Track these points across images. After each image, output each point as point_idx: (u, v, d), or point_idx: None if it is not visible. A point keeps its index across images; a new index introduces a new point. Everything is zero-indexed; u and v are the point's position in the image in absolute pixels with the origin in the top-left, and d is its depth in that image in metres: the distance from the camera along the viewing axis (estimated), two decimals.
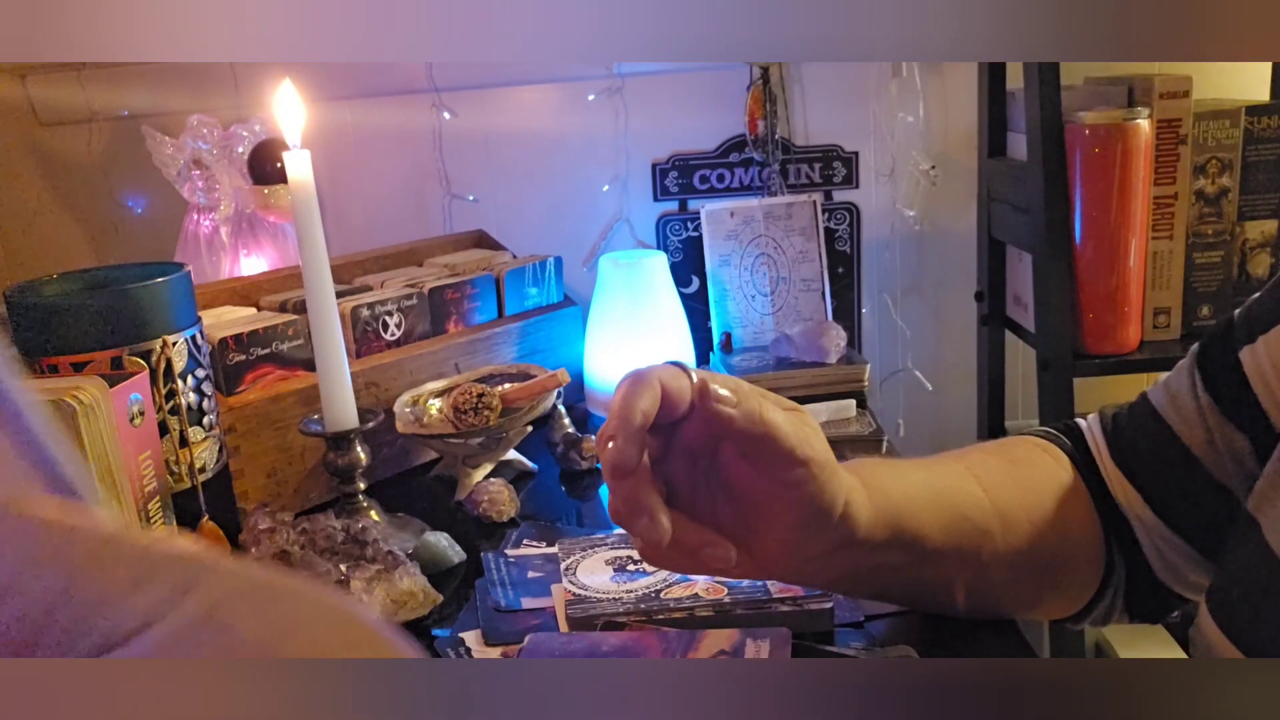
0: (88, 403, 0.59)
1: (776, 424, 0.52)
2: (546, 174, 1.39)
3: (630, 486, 0.51)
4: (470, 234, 1.36)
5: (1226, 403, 0.59)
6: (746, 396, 0.52)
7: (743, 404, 0.51)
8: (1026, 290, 1.19)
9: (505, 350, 1.14)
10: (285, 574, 0.24)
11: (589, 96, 1.36)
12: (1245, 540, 0.52)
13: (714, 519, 0.56)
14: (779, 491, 0.53)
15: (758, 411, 0.51)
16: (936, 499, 0.60)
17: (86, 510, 0.26)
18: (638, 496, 0.51)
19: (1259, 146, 1.09)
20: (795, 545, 0.55)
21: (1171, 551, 0.62)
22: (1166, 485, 0.62)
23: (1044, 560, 0.62)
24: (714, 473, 0.56)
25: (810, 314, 1.24)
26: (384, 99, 1.38)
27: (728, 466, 0.55)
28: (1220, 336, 0.60)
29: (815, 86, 1.35)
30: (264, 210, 1.30)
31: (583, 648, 0.64)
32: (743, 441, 0.52)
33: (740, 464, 0.54)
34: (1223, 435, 0.59)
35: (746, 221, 1.24)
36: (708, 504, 0.56)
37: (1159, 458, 0.62)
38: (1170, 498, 0.62)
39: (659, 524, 0.51)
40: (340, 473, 0.85)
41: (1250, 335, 0.57)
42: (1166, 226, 1.10)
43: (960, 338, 1.41)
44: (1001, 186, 1.25)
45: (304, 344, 0.97)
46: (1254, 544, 0.51)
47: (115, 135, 1.40)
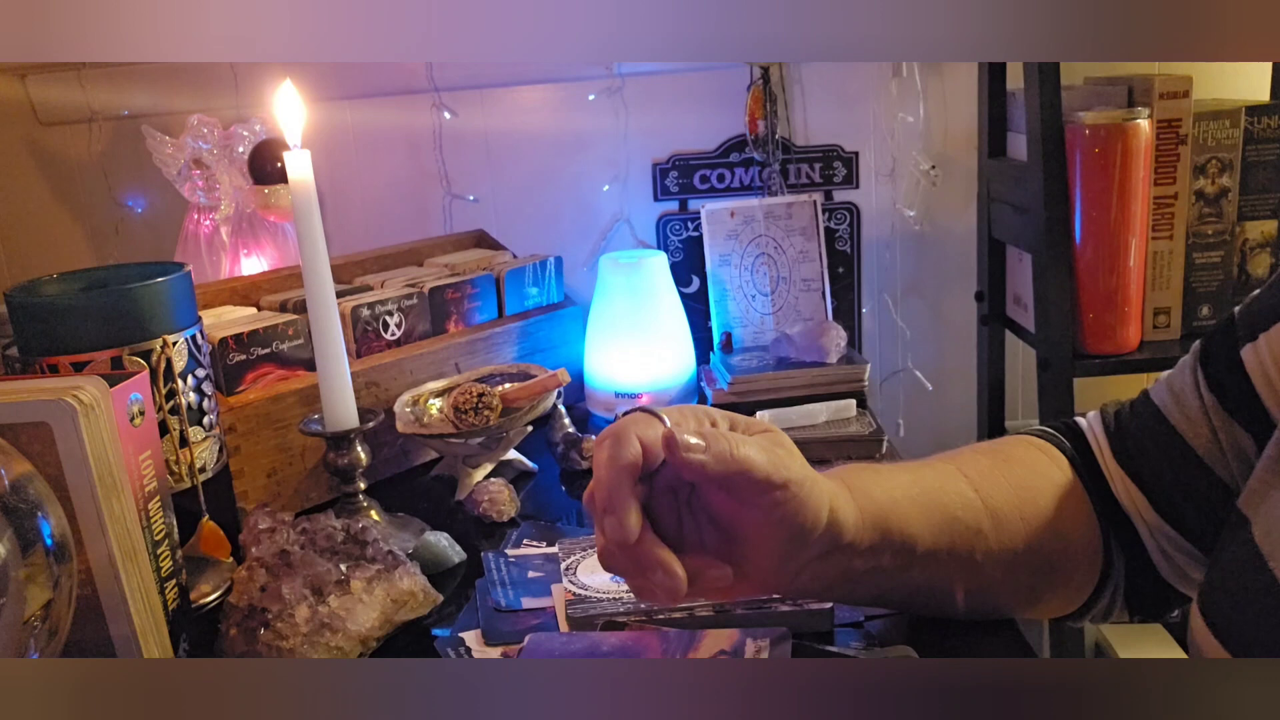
0: (88, 403, 0.59)
1: (749, 459, 0.52)
2: (546, 174, 1.39)
3: (636, 552, 0.52)
4: (470, 234, 1.36)
5: (1230, 400, 0.59)
6: (715, 439, 0.52)
7: (712, 448, 0.52)
8: (1026, 290, 1.19)
9: (505, 350, 1.14)
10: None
11: (589, 96, 1.36)
12: (1234, 538, 0.52)
13: (702, 546, 0.57)
14: (762, 515, 0.54)
15: (728, 451, 0.52)
16: (923, 499, 0.60)
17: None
18: (647, 557, 0.52)
19: (1259, 146, 1.09)
20: (785, 559, 0.56)
21: (1175, 550, 0.63)
22: (1170, 485, 0.62)
23: (1040, 558, 0.62)
24: (697, 504, 0.57)
25: (810, 314, 1.24)
26: (384, 99, 1.38)
27: (709, 497, 0.56)
28: (1221, 334, 0.60)
29: (815, 86, 1.35)
30: (264, 210, 1.30)
31: (583, 648, 0.64)
32: (719, 480, 0.53)
33: (721, 494, 0.55)
34: (1227, 433, 0.59)
35: (747, 221, 1.24)
36: (695, 534, 0.57)
37: (1163, 458, 0.62)
38: (1174, 498, 0.62)
39: (675, 575, 0.52)
40: (340, 473, 0.85)
41: (1251, 333, 0.57)
42: (1166, 226, 1.10)
43: (960, 338, 1.41)
44: (1001, 186, 1.25)
45: (304, 344, 0.97)
46: (1242, 542, 0.51)
47: (115, 135, 1.40)
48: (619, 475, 0.51)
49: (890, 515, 0.58)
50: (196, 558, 0.80)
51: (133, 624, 0.61)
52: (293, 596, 0.68)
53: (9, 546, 0.53)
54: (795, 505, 0.53)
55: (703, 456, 0.51)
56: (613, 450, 0.52)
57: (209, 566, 0.80)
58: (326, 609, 0.68)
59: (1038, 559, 0.62)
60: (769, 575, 0.57)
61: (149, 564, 0.64)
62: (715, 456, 0.52)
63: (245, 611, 0.69)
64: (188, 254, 1.31)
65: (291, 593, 0.69)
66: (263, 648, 0.67)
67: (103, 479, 0.59)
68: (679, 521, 0.57)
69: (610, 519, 0.51)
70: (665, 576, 0.52)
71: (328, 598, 0.69)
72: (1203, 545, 0.62)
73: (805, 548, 0.55)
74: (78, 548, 0.59)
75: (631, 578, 0.54)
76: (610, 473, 0.51)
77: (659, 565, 0.52)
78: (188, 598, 0.70)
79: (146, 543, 0.64)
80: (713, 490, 0.55)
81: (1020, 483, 0.63)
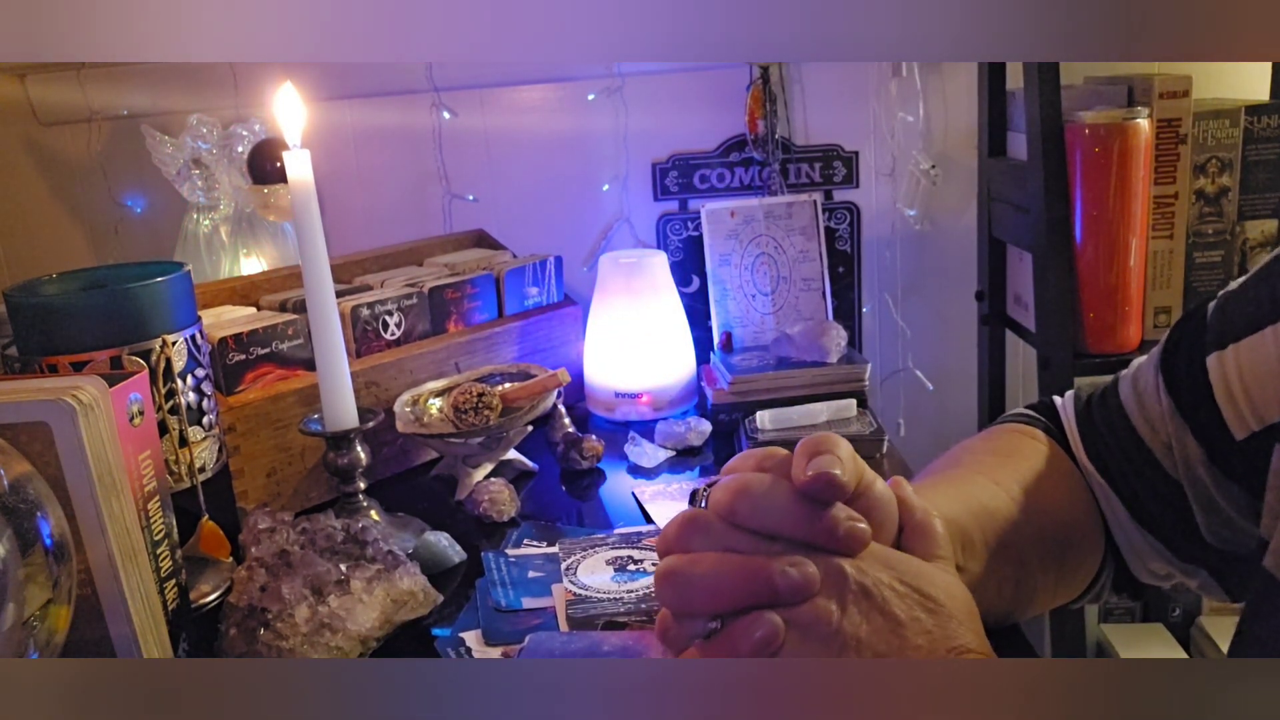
0: (87, 402, 0.59)
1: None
2: (546, 174, 1.39)
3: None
4: (470, 234, 1.36)
5: (1185, 407, 0.58)
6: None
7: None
8: (1027, 290, 1.19)
9: (505, 350, 1.14)
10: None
11: (589, 96, 1.36)
12: (1273, 606, 0.47)
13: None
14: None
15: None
16: (973, 504, 0.58)
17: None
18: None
19: (1259, 146, 1.09)
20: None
21: (1140, 540, 0.63)
22: (1133, 483, 0.62)
23: (1058, 545, 0.62)
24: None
25: (811, 313, 1.24)
26: (384, 99, 1.38)
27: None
28: (1190, 336, 0.58)
29: (815, 86, 1.35)
30: (264, 210, 1.30)
31: (583, 648, 0.64)
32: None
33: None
34: (1179, 440, 0.58)
35: (747, 221, 1.24)
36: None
37: (1126, 459, 0.62)
38: (1139, 494, 0.62)
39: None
40: (340, 473, 0.85)
41: (1221, 341, 0.55)
42: (1166, 226, 1.10)
43: (960, 338, 1.41)
44: (1001, 186, 1.25)
45: (304, 344, 0.97)
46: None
47: (115, 135, 1.40)
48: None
49: (958, 529, 0.55)
50: (196, 558, 0.80)
51: (132, 624, 0.61)
52: (293, 596, 0.68)
53: (8, 546, 0.53)
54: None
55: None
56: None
57: (209, 566, 0.80)
58: (326, 609, 0.68)
59: (1057, 546, 0.62)
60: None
61: (148, 564, 0.64)
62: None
63: (245, 611, 0.69)
64: (187, 254, 1.31)
65: (291, 593, 0.69)
66: (262, 648, 0.67)
67: (102, 479, 0.59)
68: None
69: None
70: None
71: (328, 598, 0.69)
72: (1170, 545, 0.62)
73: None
74: (77, 548, 0.59)
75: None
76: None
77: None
78: (187, 598, 0.70)
79: (146, 543, 0.64)
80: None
81: (1028, 473, 0.63)
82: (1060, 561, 0.62)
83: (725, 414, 1.10)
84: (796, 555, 0.43)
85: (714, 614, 0.44)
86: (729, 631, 0.43)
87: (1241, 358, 0.54)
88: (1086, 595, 0.66)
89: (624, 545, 0.81)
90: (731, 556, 0.44)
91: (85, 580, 0.60)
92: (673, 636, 0.45)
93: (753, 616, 0.42)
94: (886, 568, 0.44)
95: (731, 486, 0.45)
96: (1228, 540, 0.59)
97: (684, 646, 0.44)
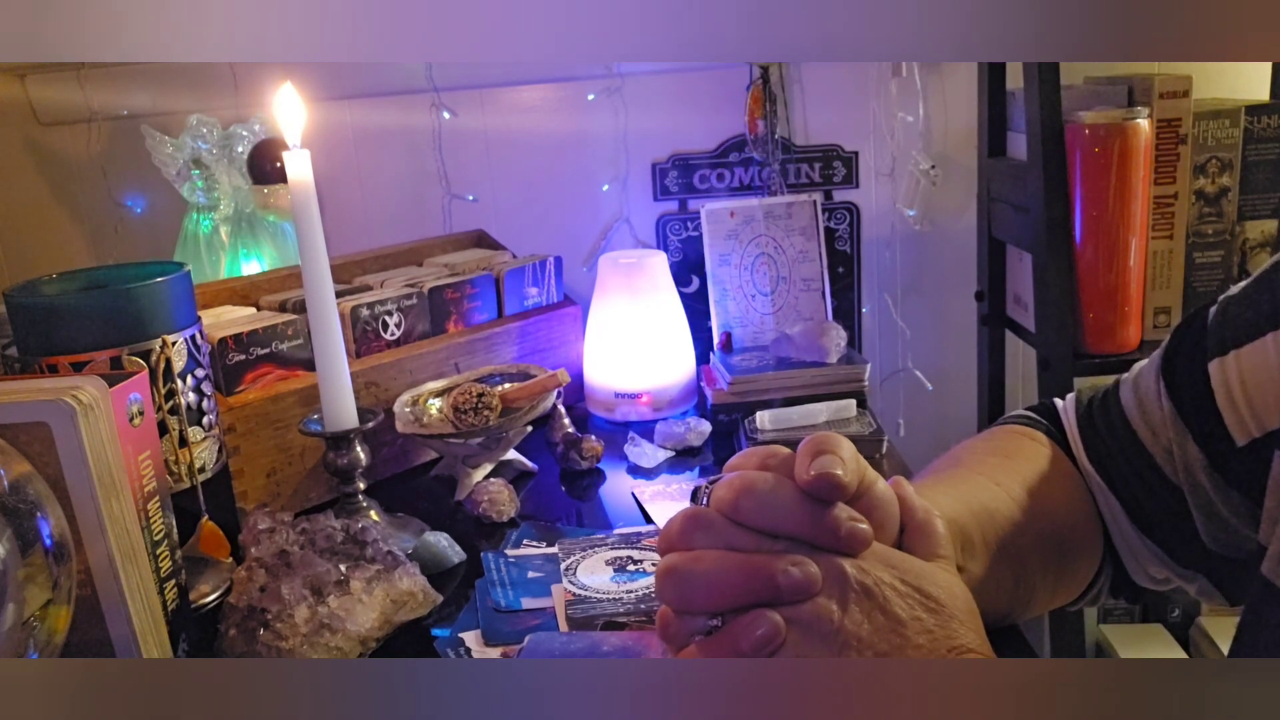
0: (87, 403, 0.59)
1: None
2: (546, 174, 1.39)
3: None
4: (470, 234, 1.36)
5: (1187, 412, 0.58)
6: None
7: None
8: (1026, 290, 1.19)
9: (505, 350, 1.14)
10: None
11: (589, 96, 1.36)
12: (1271, 612, 0.47)
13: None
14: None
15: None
16: (974, 505, 0.58)
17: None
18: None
19: (1259, 146, 1.09)
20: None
21: (1139, 545, 0.63)
22: (1134, 487, 0.62)
23: (1058, 545, 0.62)
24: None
25: (810, 314, 1.24)
26: (384, 99, 1.38)
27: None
28: (1191, 341, 0.58)
29: (815, 86, 1.35)
30: (264, 210, 1.30)
31: (583, 648, 0.64)
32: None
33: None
34: (1180, 445, 0.58)
35: (746, 221, 1.24)
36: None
37: (1128, 464, 0.62)
38: (1140, 498, 0.62)
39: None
40: (340, 473, 0.85)
41: (1223, 347, 0.55)
42: (1166, 226, 1.10)
43: (960, 338, 1.41)
44: (1001, 186, 1.25)
45: (304, 344, 0.97)
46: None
47: (115, 135, 1.40)
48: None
49: (959, 529, 0.55)
50: (196, 558, 0.80)
51: (132, 624, 0.61)
52: (292, 597, 0.68)
53: (8, 547, 0.53)
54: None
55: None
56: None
57: (208, 567, 0.80)
58: (326, 609, 0.68)
59: (1056, 548, 0.62)
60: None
61: (148, 564, 0.64)
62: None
63: (245, 612, 0.69)
64: (187, 254, 1.31)
65: (291, 593, 0.69)
66: (262, 648, 0.67)
67: (102, 479, 0.59)
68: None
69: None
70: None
71: (327, 598, 0.69)
72: (1169, 550, 0.62)
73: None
74: (77, 548, 0.59)
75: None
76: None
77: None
78: (187, 598, 0.70)
79: (146, 543, 0.64)
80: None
81: (1030, 474, 0.63)
82: (1059, 563, 0.62)
83: (725, 414, 1.10)
84: (798, 554, 0.43)
85: (715, 611, 0.44)
86: (730, 629, 0.43)
87: (1243, 364, 0.54)
88: (1084, 598, 0.66)
89: (623, 545, 0.81)
90: (733, 554, 0.44)
91: (85, 581, 0.60)
92: (673, 634, 0.45)
93: (754, 615, 0.42)
94: (888, 567, 0.44)
95: (734, 484, 0.45)
96: (1227, 546, 0.59)
97: (684, 644, 0.44)
